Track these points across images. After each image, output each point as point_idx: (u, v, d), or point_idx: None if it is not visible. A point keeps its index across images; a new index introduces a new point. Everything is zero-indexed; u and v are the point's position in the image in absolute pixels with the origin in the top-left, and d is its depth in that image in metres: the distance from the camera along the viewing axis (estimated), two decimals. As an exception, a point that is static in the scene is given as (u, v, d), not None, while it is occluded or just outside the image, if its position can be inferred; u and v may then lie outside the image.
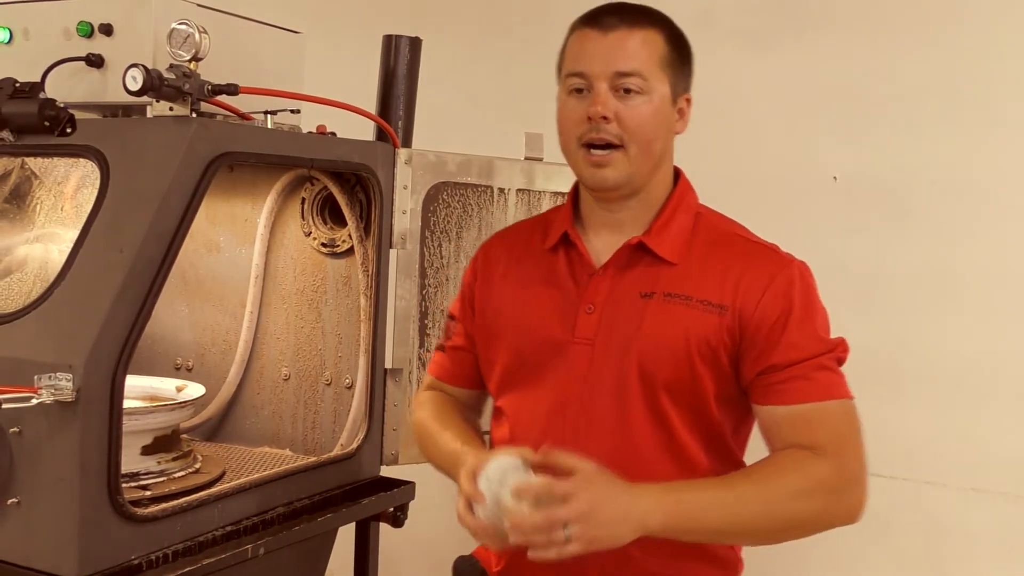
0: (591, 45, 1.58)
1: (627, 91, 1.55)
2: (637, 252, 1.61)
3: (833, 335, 1.61)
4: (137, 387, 2.04)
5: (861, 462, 1.54)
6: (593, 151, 1.57)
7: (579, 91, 1.59)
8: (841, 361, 1.58)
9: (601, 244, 1.64)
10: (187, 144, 1.65)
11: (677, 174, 1.69)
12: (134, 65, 1.63)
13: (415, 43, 2.18)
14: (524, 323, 1.67)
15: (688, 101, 1.64)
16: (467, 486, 1.47)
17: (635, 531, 1.41)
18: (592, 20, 1.60)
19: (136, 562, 1.61)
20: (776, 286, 1.55)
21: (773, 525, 1.51)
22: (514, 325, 1.68)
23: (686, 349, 1.55)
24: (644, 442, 1.57)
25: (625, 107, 1.55)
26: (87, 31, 1.79)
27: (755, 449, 1.66)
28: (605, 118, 1.54)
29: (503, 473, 1.44)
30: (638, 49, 1.55)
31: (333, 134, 2.02)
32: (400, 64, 2.16)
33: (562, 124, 1.62)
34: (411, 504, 2.17)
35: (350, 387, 2.17)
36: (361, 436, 2.09)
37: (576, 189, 1.72)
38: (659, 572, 1.60)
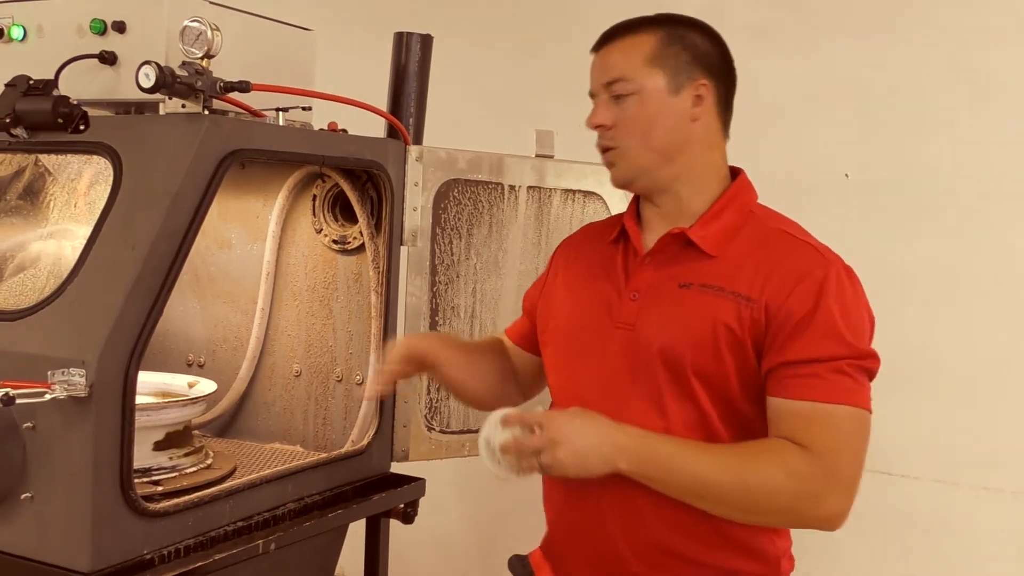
0: (592, 66, 1.72)
1: (619, 97, 1.66)
2: (683, 246, 1.68)
3: None
4: (149, 383, 2.05)
5: (853, 472, 1.53)
6: (603, 154, 1.70)
7: None
8: (868, 372, 1.57)
9: (652, 237, 1.72)
10: (199, 141, 1.66)
11: (737, 174, 1.74)
12: (147, 62, 1.63)
13: (426, 40, 2.18)
14: (576, 310, 1.75)
15: (704, 86, 1.67)
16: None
17: (605, 464, 1.52)
18: (594, 45, 1.73)
19: (148, 557, 1.62)
20: (809, 283, 1.58)
21: (738, 500, 1.54)
22: (567, 312, 1.77)
23: (713, 338, 1.59)
24: (678, 425, 1.61)
25: (620, 110, 1.66)
26: (100, 28, 1.80)
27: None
28: (601, 126, 1.67)
29: (495, 419, 1.56)
30: (618, 57, 1.67)
31: (344, 131, 2.02)
32: (411, 61, 2.16)
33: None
34: (421, 500, 2.18)
35: (361, 384, 2.17)
36: (372, 432, 2.09)
37: None
38: (696, 559, 1.62)
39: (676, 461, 1.53)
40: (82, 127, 1.70)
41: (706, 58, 1.68)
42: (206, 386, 2.06)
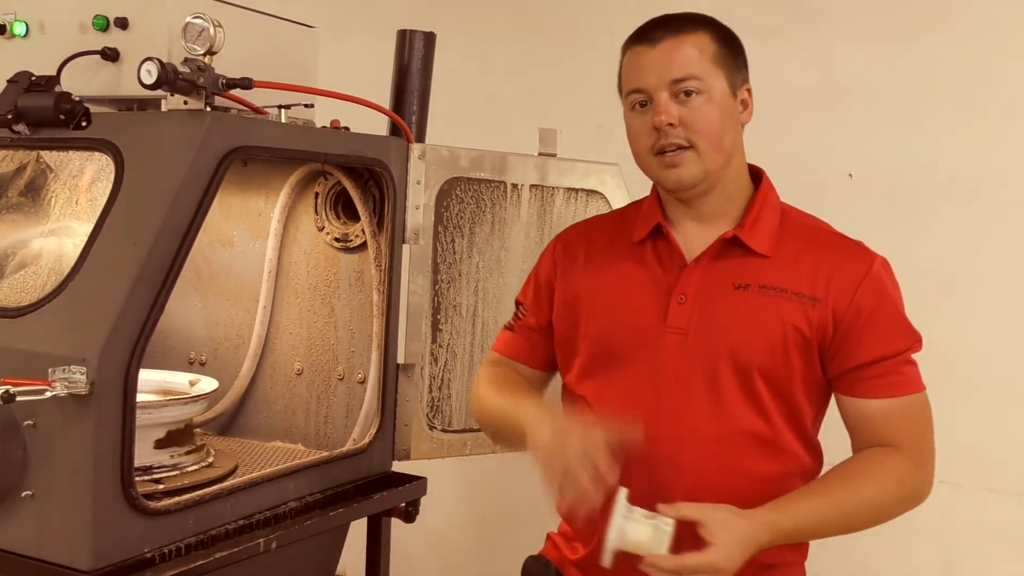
0: (644, 60, 1.65)
1: (687, 94, 1.62)
2: (729, 245, 1.67)
3: None
4: (150, 381, 2.04)
5: (933, 451, 1.68)
6: (665, 154, 1.64)
7: (642, 105, 1.66)
8: (917, 352, 1.67)
9: (689, 236, 1.71)
10: (201, 138, 1.66)
11: (760, 174, 1.75)
12: (149, 59, 1.63)
13: (429, 38, 2.17)
14: (611, 312, 1.72)
15: (749, 91, 1.70)
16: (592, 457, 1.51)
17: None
18: (641, 36, 1.67)
19: (149, 555, 1.62)
20: (869, 281, 1.63)
21: (865, 523, 1.65)
22: (600, 314, 1.73)
23: (783, 339, 1.61)
24: (740, 423, 1.63)
25: (688, 110, 1.62)
26: (102, 25, 1.80)
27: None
28: (671, 124, 1.62)
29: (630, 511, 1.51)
30: (688, 53, 1.63)
31: (347, 129, 2.01)
32: (414, 59, 2.16)
33: (632, 138, 1.69)
34: (423, 500, 2.17)
35: (362, 382, 2.17)
36: (373, 431, 2.09)
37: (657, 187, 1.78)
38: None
39: (817, 528, 1.60)
40: (84, 123, 1.70)
41: (746, 63, 1.70)
42: (207, 384, 2.06)
